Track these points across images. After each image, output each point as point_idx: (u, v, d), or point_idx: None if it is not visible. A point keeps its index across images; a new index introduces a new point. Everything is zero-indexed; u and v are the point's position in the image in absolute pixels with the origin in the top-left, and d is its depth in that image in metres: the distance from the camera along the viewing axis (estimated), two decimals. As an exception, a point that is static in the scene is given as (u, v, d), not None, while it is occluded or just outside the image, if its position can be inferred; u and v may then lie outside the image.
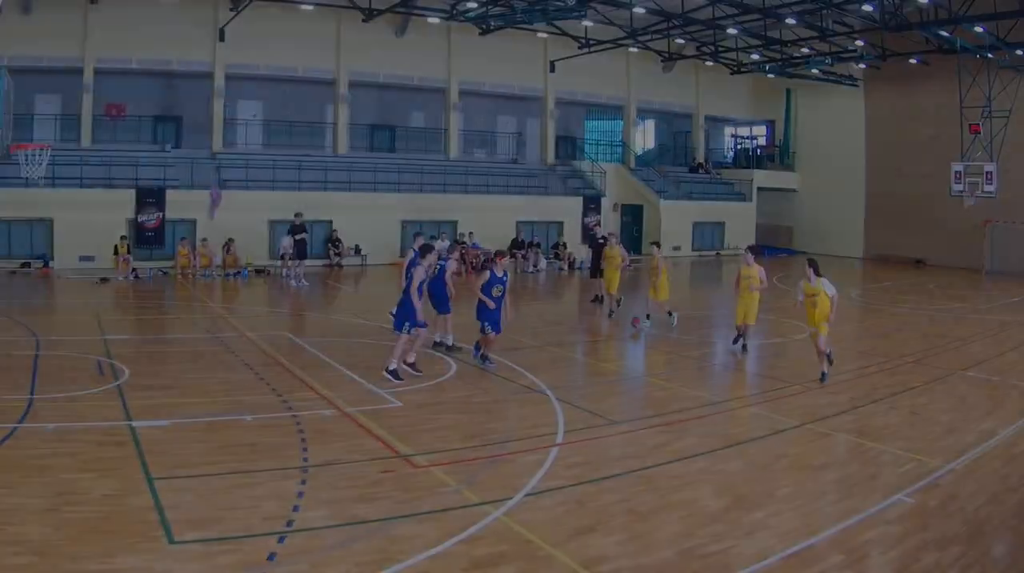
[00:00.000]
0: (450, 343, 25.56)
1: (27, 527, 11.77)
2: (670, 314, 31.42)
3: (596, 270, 37.06)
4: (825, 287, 22.38)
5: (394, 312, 22.93)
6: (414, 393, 20.39)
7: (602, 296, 35.79)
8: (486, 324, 23.22)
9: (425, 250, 22.91)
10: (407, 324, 21.45)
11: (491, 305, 23.07)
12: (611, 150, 73.59)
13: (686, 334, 30.34)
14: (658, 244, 32.50)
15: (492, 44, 63.66)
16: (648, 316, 30.69)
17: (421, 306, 21.77)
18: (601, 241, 36.52)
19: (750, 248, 26.85)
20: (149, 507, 12.71)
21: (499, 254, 24.31)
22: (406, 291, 21.84)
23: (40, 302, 37.33)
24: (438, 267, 25.52)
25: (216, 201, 50.22)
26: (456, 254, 27.73)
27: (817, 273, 22.76)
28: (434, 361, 24.11)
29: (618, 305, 33.76)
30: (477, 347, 24.22)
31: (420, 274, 21.80)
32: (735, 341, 26.88)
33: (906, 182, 66.03)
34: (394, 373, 21.37)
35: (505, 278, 23.70)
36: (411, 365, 22.13)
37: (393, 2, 54.64)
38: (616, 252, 33.80)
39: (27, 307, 34.78)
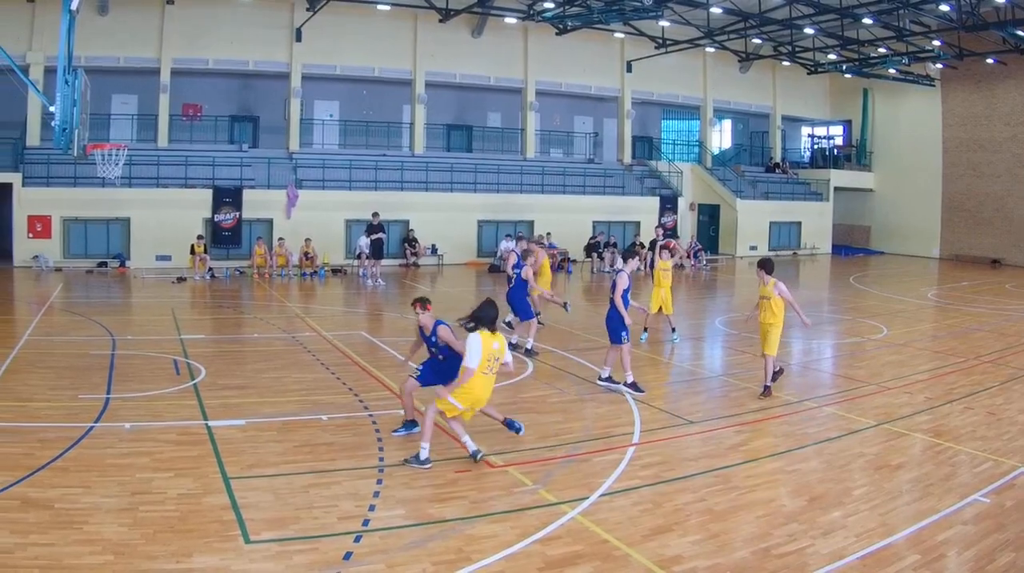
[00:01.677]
0: (528, 346, 25.25)
1: (104, 526, 11.80)
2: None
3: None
4: (781, 291, 20.80)
5: (508, 321, 22.79)
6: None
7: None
8: (624, 334, 21.13)
9: (627, 255, 22.31)
10: (624, 334, 20.97)
11: (629, 320, 21.15)
12: (688, 150, 73.44)
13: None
14: (540, 238, 31.31)
15: (569, 44, 63.80)
16: (674, 329, 29.27)
17: (628, 316, 21.14)
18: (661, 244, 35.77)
19: (762, 263, 21.75)
20: (226, 506, 12.75)
21: (629, 254, 22.38)
22: (612, 301, 21.27)
23: (117, 301, 37.63)
24: (515, 274, 25.33)
25: (293, 201, 50.44)
26: (532, 259, 27.09)
27: (768, 273, 21.06)
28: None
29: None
30: (632, 385, 21.17)
31: (624, 282, 21.05)
32: (773, 378, 21.47)
33: (983, 182, 65.79)
34: (633, 385, 20.83)
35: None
36: (607, 379, 21.35)
37: (470, 2, 54.83)
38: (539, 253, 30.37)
39: (104, 306, 35.06)
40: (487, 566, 11.12)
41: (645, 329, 28.86)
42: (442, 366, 16.40)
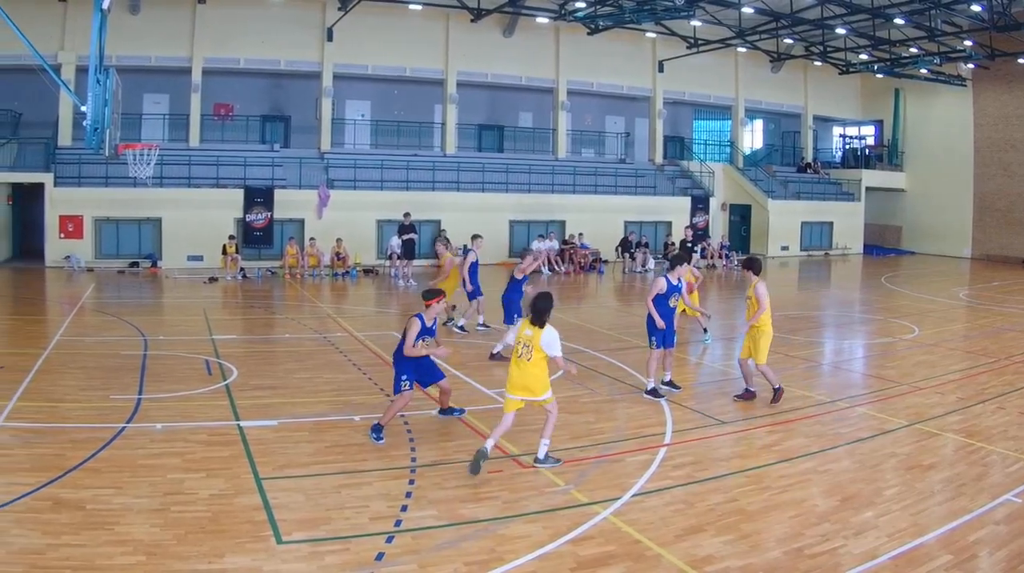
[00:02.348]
0: (494, 351, 24.60)
1: (136, 527, 11.83)
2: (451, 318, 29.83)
3: None
4: (757, 293, 19.93)
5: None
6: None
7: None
8: (653, 338, 20.77)
9: (676, 261, 21.93)
10: (652, 339, 20.66)
11: (661, 324, 20.50)
12: (719, 150, 73.52)
13: (794, 334, 30.02)
14: (446, 241, 30.70)
15: (600, 44, 63.78)
16: (705, 330, 28.77)
17: (665, 322, 20.59)
18: (690, 244, 35.26)
19: (745, 262, 21.48)
20: (257, 507, 12.78)
21: (677, 262, 21.49)
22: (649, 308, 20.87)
23: (148, 302, 37.82)
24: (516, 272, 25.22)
25: (324, 201, 50.52)
26: (529, 258, 26.88)
27: (755, 273, 20.45)
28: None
29: (452, 311, 30.42)
30: (652, 391, 20.77)
31: (659, 286, 20.58)
32: (744, 396, 20.70)
33: (1014, 182, 65.87)
34: (653, 392, 20.49)
35: (681, 286, 21.17)
36: (668, 383, 21.18)
37: (502, 2, 54.85)
38: (443, 262, 31.25)
39: (135, 307, 35.21)
40: (519, 566, 11.12)
41: (705, 330, 28.75)
42: (423, 360, 16.98)
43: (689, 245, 36.60)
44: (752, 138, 78.17)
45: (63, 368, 22.21)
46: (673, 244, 50.67)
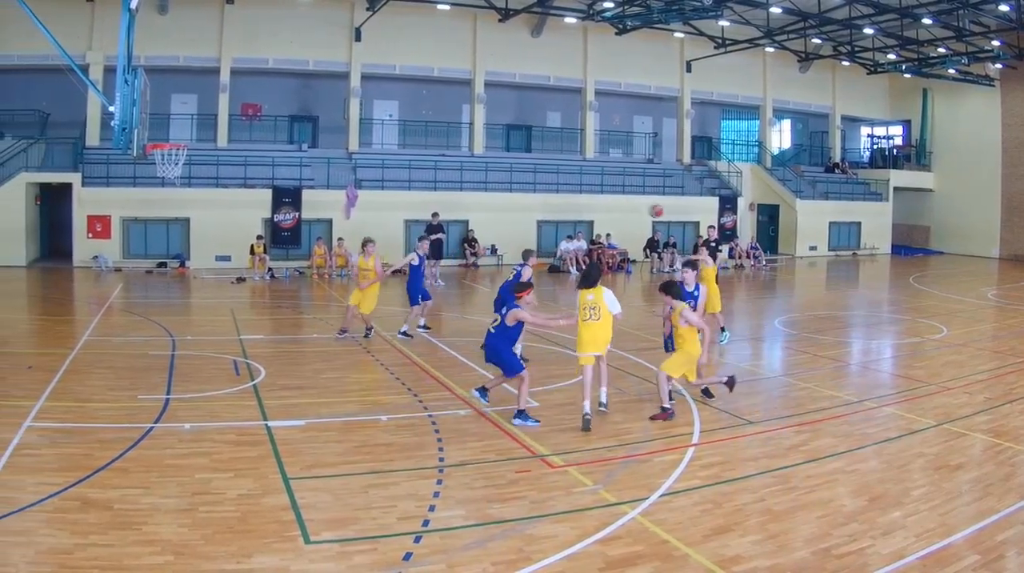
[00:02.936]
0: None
1: (163, 527, 11.83)
2: (369, 329, 28.43)
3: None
4: (688, 317, 18.81)
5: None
6: (550, 393, 20.31)
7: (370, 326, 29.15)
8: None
9: (691, 264, 22.01)
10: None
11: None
12: (747, 150, 73.38)
13: (822, 334, 29.95)
14: (370, 241, 29.52)
15: (628, 44, 63.67)
16: (723, 329, 28.26)
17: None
18: (714, 243, 34.87)
19: (663, 287, 19.95)
20: (285, 507, 12.77)
21: (689, 263, 21.98)
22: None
23: (176, 302, 37.94)
24: (514, 273, 24.99)
25: (352, 201, 50.55)
26: (532, 261, 26.23)
27: (677, 297, 19.24)
28: (570, 361, 23.90)
29: (369, 333, 28.51)
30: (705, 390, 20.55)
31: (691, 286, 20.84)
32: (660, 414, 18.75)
33: (1042, 182, 65.17)
34: (706, 391, 20.39)
35: (697, 292, 21.30)
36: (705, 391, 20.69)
37: (530, 2, 54.83)
38: (371, 264, 28.50)
39: (163, 307, 35.31)
40: (547, 566, 11.08)
41: (723, 329, 28.34)
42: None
43: (713, 244, 36.35)
44: (780, 138, 78.03)
45: (91, 368, 22.27)
46: (695, 247, 50.69)
